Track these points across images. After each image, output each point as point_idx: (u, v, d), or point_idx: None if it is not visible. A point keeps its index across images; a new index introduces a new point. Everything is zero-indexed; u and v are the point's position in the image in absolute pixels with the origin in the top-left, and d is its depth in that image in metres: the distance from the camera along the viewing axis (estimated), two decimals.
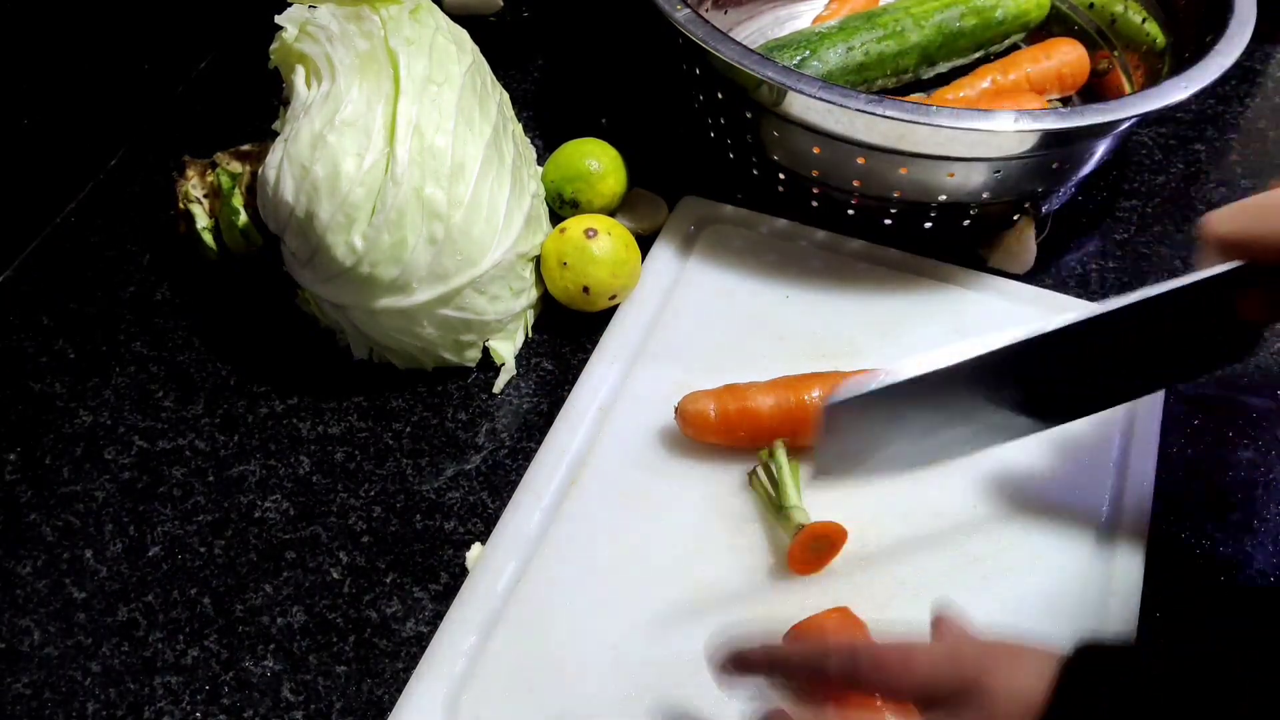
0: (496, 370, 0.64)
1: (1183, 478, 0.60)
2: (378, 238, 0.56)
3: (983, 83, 0.77)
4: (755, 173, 0.71)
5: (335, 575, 0.56)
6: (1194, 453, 0.61)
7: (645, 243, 0.68)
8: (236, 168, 0.65)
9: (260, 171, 0.59)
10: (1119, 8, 0.78)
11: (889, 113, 0.59)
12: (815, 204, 0.69)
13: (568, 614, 0.52)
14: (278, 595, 0.55)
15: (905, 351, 0.62)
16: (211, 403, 0.63)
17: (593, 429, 0.59)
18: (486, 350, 0.64)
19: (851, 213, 0.69)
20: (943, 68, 0.79)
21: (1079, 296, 0.67)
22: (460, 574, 0.55)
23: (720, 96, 0.68)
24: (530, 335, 0.66)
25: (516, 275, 0.62)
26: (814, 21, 0.83)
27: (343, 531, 0.57)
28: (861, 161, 0.64)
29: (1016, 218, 0.69)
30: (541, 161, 0.71)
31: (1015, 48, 0.81)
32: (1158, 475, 0.58)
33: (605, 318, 0.65)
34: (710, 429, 0.57)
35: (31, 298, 0.68)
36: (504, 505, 0.57)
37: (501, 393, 0.63)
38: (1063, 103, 0.78)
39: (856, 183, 0.66)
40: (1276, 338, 0.67)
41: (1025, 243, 0.69)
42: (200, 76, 0.83)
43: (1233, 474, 0.60)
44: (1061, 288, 0.68)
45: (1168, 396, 0.61)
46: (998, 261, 0.69)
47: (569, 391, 0.61)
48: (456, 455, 0.61)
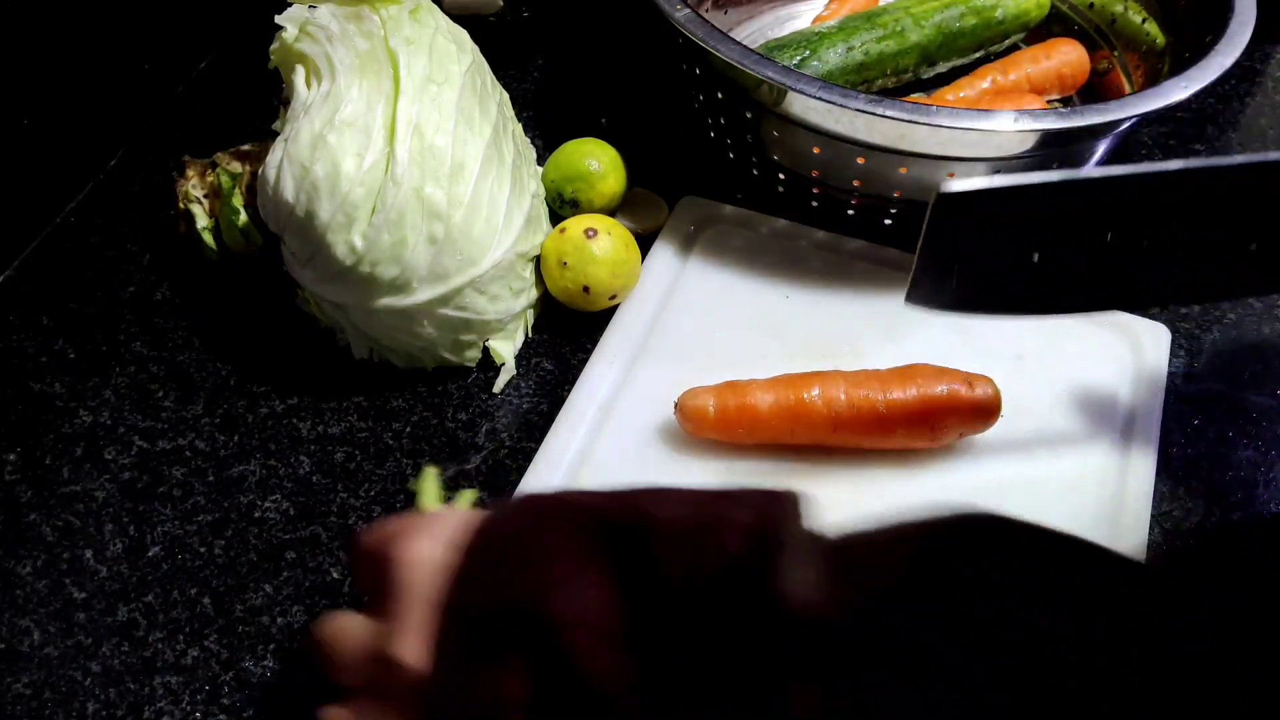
0: (496, 370, 0.64)
1: (1183, 478, 0.60)
2: (378, 237, 0.56)
3: (983, 83, 0.77)
4: (755, 173, 0.71)
5: (335, 575, 0.56)
6: (1194, 453, 0.61)
7: (645, 243, 0.68)
8: (236, 168, 0.65)
9: (260, 171, 0.59)
10: (1119, 8, 0.78)
11: (889, 113, 0.59)
12: (815, 204, 0.69)
13: None
14: (278, 595, 0.55)
15: (906, 352, 0.62)
16: (211, 403, 0.63)
17: (593, 429, 0.59)
18: (486, 350, 0.64)
19: (851, 213, 0.69)
20: (943, 68, 0.79)
21: None
22: None
23: (720, 96, 0.68)
24: (530, 335, 0.66)
25: (516, 275, 0.62)
26: (814, 21, 0.83)
27: (343, 531, 0.57)
28: (861, 161, 0.64)
29: None
30: (541, 161, 0.71)
31: (1015, 48, 0.81)
32: (1158, 475, 0.58)
33: (605, 317, 0.65)
34: (709, 425, 0.57)
35: (31, 298, 0.68)
36: None
37: (501, 393, 0.63)
38: (1063, 103, 0.78)
39: (856, 183, 0.66)
40: (1277, 336, 0.67)
41: None
42: (200, 76, 0.83)
43: (1233, 474, 0.60)
44: None
45: (1168, 397, 0.61)
46: None
47: (569, 391, 0.61)
48: (456, 455, 0.61)
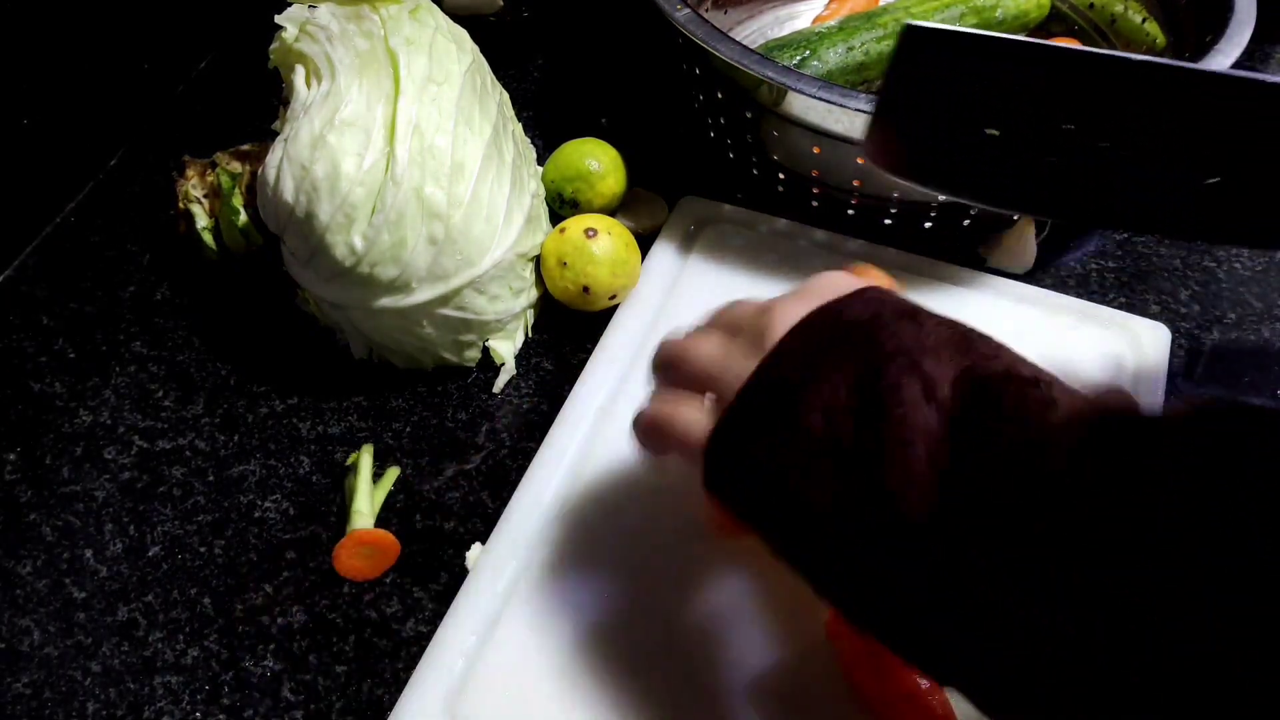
0: (496, 370, 0.64)
1: None
2: (377, 237, 0.56)
3: None
4: (755, 173, 0.71)
5: (335, 575, 0.56)
6: None
7: (645, 242, 0.68)
8: (236, 168, 0.65)
9: (260, 171, 0.59)
10: (1119, 8, 0.78)
11: None
12: (815, 204, 0.69)
13: (568, 613, 0.52)
14: (278, 595, 0.55)
15: None
16: (211, 403, 0.63)
17: (593, 429, 0.59)
18: (486, 350, 0.64)
19: (851, 213, 0.69)
20: None
21: (1079, 296, 0.67)
22: (460, 574, 0.55)
23: (720, 96, 0.68)
24: (530, 335, 0.66)
25: (516, 275, 0.62)
26: (814, 21, 0.83)
27: (342, 532, 0.57)
28: (861, 161, 0.64)
29: (1016, 217, 0.69)
30: (541, 161, 0.71)
31: None
32: None
33: (605, 317, 0.65)
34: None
35: (31, 298, 0.68)
36: (504, 505, 0.57)
37: (501, 393, 0.63)
38: None
39: (856, 183, 0.66)
40: (1277, 337, 0.67)
41: (1025, 243, 0.69)
42: (200, 76, 0.83)
43: None
44: (1061, 287, 0.68)
45: (1168, 397, 0.61)
46: (998, 261, 0.69)
47: (569, 391, 0.61)
48: (456, 455, 0.61)
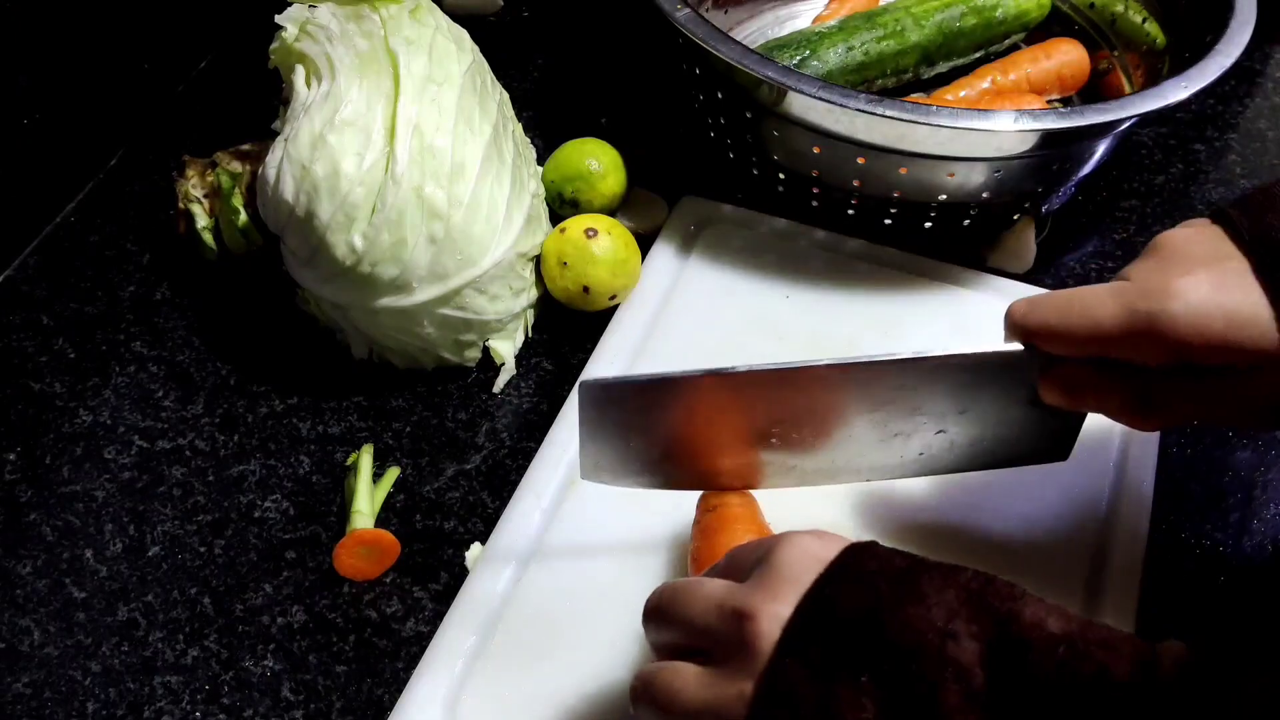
0: (496, 370, 0.64)
1: (1182, 478, 0.60)
2: (378, 237, 0.56)
3: (983, 83, 0.77)
4: (755, 173, 0.71)
5: (335, 575, 0.55)
6: (1194, 453, 0.61)
7: (645, 242, 0.68)
8: (236, 168, 0.65)
9: (260, 171, 0.59)
10: (1119, 8, 0.78)
11: (889, 113, 0.59)
12: (815, 204, 0.69)
13: (568, 614, 0.52)
14: (278, 595, 0.55)
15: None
16: (211, 403, 0.63)
17: None
18: (486, 350, 0.64)
19: (851, 213, 0.69)
20: (943, 68, 0.79)
21: None
22: (460, 574, 0.55)
23: (720, 96, 0.68)
24: (530, 335, 0.66)
25: (516, 275, 0.62)
26: (814, 21, 0.83)
27: (342, 531, 0.57)
28: (861, 161, 0.64)
29: (1016, 218, 0.69)
30: (541, 161, 0.71)
31: (1015, 48, 0.81)
32: (1158, 475, 0.58)
33: (605, 317, 0.65)
34: None
35: (31, 298, 0.68)
36: (504, 505, 0.57)
37: (501, 393, 0.63)
38: (1063, 103, 0.78)
39: (856, 183, 0.66)
40: None
41: (1025, 243, 0.69)
42: (200, 76, 0.83)
43: (1232, 474, 0.60)
44: (1061, 287, 0.68)
45: None
46: (998, 261, 0.69)
47: (569, 391, 0.61)
48: (456, 455, 0.61)
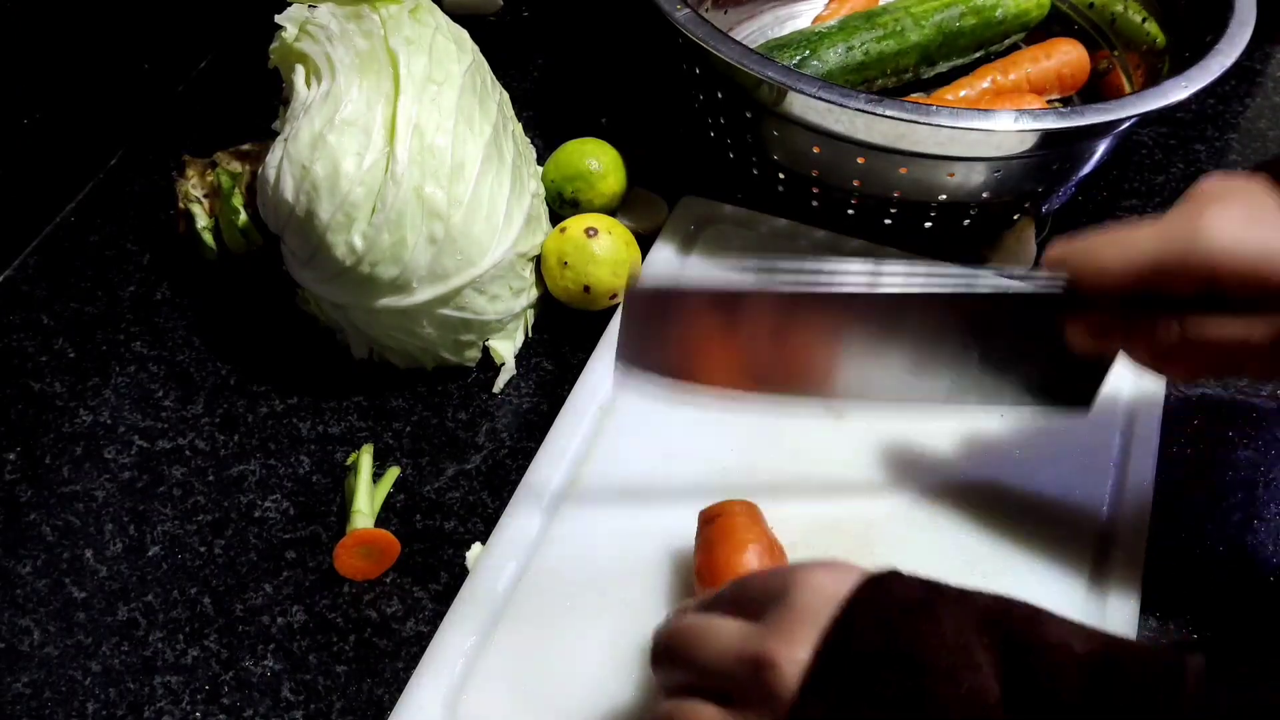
0: (496, 370, 0.64)
1: (1182, 478, 0.60)
2: (377, 237, 0.56)
3: (983, 83, 0.77)
4: (755, 173, 0.71)
5: (335, 575, 0.56)
6: (1194, 453, 0.61)
7: (645, 242, 0.68)
8: (236, 168, 0.65)
9: (260, 171, 0.59)
10: (1119, 7, 0.78)
11: (889, 113, 0.59)
12: (815, 204, 0.69)
13: (568, 614, 0.52)
14: (278, 595, 0.55)
15: None
16: (211, 402, 0.63)
17: (593, 429, 0.59)
18: (486, 350, 0.64)
19: (851, 213, 0.69)
20: (943, 68, 0.79)
21: None
22: (460, 574, 0.55)
23: (720, 96, 0.68)
24: (530, 335, 0.66)
25: (516, 275, 0.62)
26: (814, 21, 0.83)
27: (342, 531, 0.57)
28: (861, 161, 0.64)
29: (1016, 218, 0.69)
30: (541, 161, 0.71)
31: (1015, 48, 0.81)
32: (1158, 475, 0.58)
33: (605, 317, 0.65)
34: None
35: (31, 298, 0.68)
36: (504, 505, 0.57)
37: (501, 393, 0.63)
38: (1063, 103, 0.78)
39: (856, 183, 0.66)
40: None
41: (1025, 243, 0.69)
42: (200, 76, 0.83)
43: (1233, 474, 0.60)
44: None
45: (1168, 396, 0.61)
46: (998, 261, 0.69)
47: (569, 391, 0.61)
48: (456, 455, 0.61)
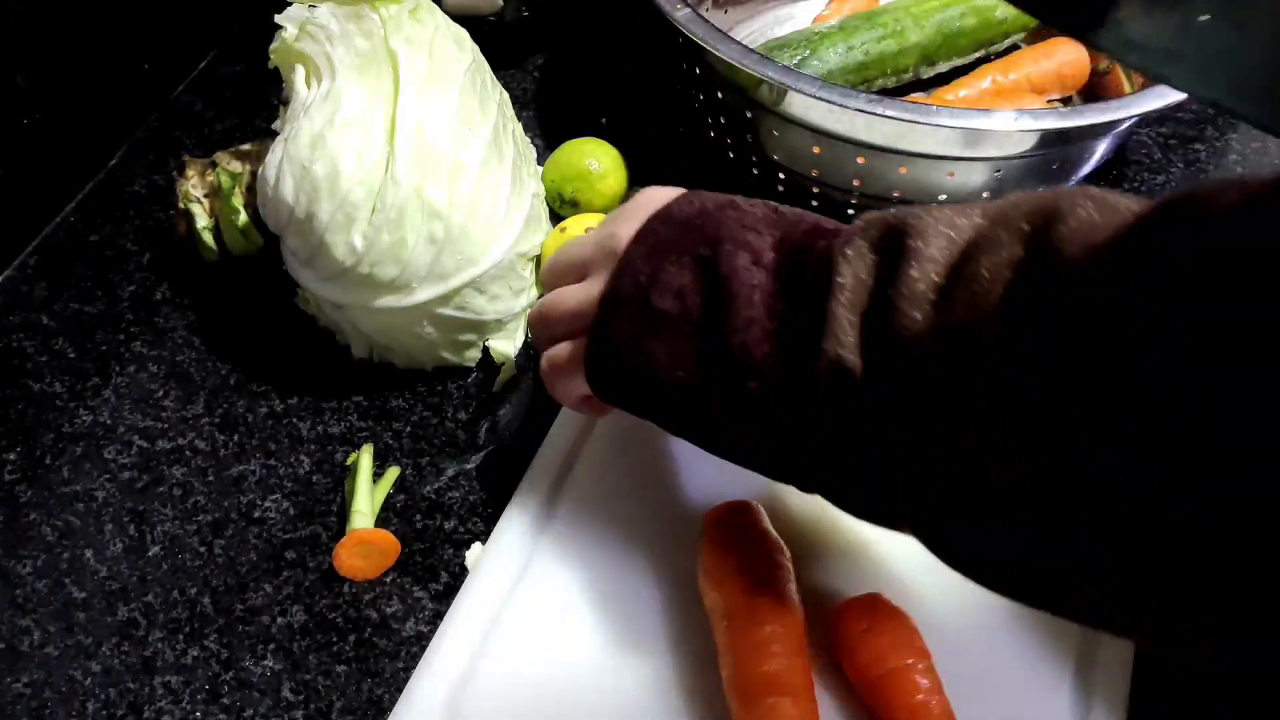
0: (496, 370, 0.64)
1: None
2: (377, 237, 0.56)
3: (983, 83, 0.77)
4: (755, 173, 0.71)
5: (335, 575, 0.55)
6: None
7: None
8: (236, 168, 0.65)
9: (260, 171, 0.59)
10: None
11: (889, 112, 0.59)
12: (815, 204, 0.69)
13: (568, 614, 0.52)
14: (278, 595, 0.55)
15: None
16: (211, 402, 0.63)
17: (592, 428, 0.59)
18: (486, 350, 0.64)
19: (851, 213, 0.69)
20: (943, 67, 0.79)
21: None
22: (460, 574, 0.55)
23: (720, 96, 0.68)
24: (530, 335, 0.66)
25: (516, 275, 0.62)
26: (814, 21, 0.83)
27: (342, 531, 0.57)
28: (861, 161, 0.64)
29: None
30: (541, 161, 0.71)
31: (1015, 48, 0.81)
32: None
33: None
34: None
35: (31, 298, 0.68)
36: (504, 505, 0.57)
37: (501, 392, 0.63)
38: (1063, 103, 0.78)
39: (856, 182, 0.66)
40: None
41: None
42: (200, 76, 0.83)
43: None
44: None
45: None
46: None
47: None
48: (456, 455, 0.61)
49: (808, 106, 0.62)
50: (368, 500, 0.57)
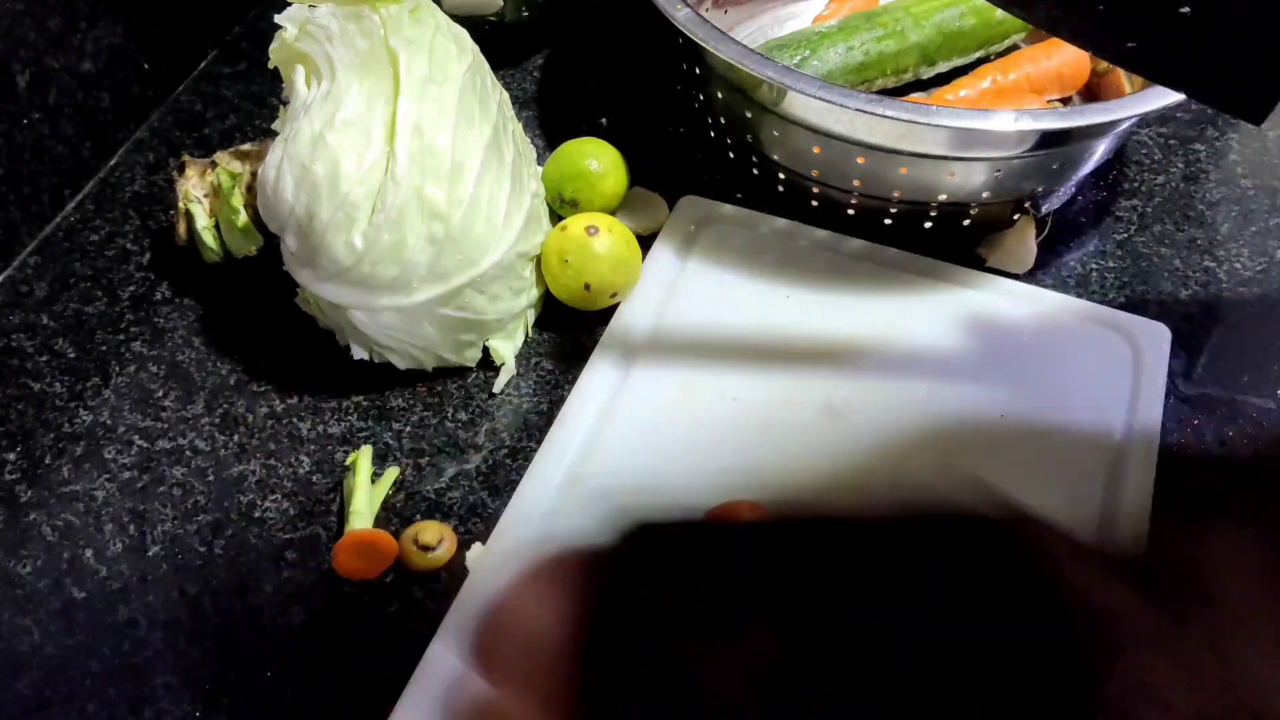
0: (496, 370, 0.64)
1: (1183, 478, 0.60)
2: (378, 237, 0.56)
3: (983, 83, 0.77)
4: (755, 173, 0.71)
5: (335, 575, 0.55)
6: (1194, 453, 0.61)
7: (645, 242, 0.68)
8: (236, 168, 0.65)
9: (260, 171, 0.59)
10: None
11: (889, 113, 0.59)
12: (815, 204, 0.69)
13: None
14: (278, 595, 0.55)
15: (905, 352, 0.62)
16: (211, 403, 0.63)
17: (593, 429, 0.59)
18: (486, 350, 0.64)
19: (851, 213, 0.69)
20: (943, 67, 0.79)
21: (1079, 296, 0.67)
22: (460, 574, 0.55)
23: (720, 96, 0.68)
24: (530, 334, 0.66)
25: (516, 275, 0.62)
26: (814, 21, 0.83)
27: (342, 531, 0.57)
28: (861, 161, 0.64)
29: (1016, 218, 0.69)
30: (541, 161, 0.71)
31: (1015, 48, 0.81)
32: (1158, 475, 0.58)
33: (606, 317, 0.65)
34: None
35: (31, 298, 0.68)
36: (504, 505, 0.57)
37: (501, 392, 0.63)
38: (1063, 103, 0.78)
39: (857, 182, 0.66)
40: (1278, 337, 0.67)
41: (1025, 243, 0.69)
42: (200, 76, 0.83)
43: (1233, 474, 0.60)
44: (1062, 287, 0.68)
45: (1168, 396, 0.61)
46: (998, 261, 0.69)
47: (569, 391, 0.61)
48: (456, 455, 0.61)
49: (808, 106, 0.62)
50: (366, 501, 0.57)
